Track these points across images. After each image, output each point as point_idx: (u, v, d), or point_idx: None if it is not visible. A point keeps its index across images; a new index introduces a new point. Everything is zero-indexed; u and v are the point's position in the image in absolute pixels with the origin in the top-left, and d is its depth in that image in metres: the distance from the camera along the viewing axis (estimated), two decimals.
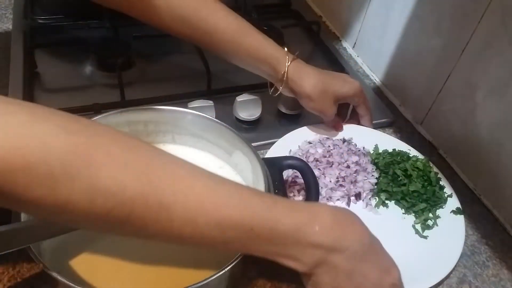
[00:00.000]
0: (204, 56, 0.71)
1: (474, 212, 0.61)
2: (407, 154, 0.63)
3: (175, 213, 0.34)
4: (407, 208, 0.58)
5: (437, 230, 0.56)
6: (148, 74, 0.74)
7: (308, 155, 0.61)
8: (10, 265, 0.47)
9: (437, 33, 0.67)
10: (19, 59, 0.69)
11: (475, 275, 0.54)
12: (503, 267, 0.56)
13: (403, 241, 0.55)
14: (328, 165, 0.60)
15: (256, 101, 0.66)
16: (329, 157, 0.61)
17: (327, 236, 0.39)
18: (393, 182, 0.60)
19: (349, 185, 0.59)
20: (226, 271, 0.40)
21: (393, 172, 0.60)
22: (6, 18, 0.81)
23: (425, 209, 0.58)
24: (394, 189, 0.59)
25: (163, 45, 0.78)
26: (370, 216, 0.57)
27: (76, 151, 0.31)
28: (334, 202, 0.58)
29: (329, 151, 0.62)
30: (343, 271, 0.40)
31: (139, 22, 0.59)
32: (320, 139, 0.65)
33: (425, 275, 0.51)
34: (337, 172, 0.59)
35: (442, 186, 0.61)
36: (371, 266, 0.41)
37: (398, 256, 0.44)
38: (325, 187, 0.58)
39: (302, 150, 0.63)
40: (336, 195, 0.58)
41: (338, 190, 0.58)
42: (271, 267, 0.51)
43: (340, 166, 0.60)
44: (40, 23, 0.78)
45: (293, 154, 0.62)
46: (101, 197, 0.31)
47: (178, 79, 0.73)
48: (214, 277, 0.39)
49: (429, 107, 0.70)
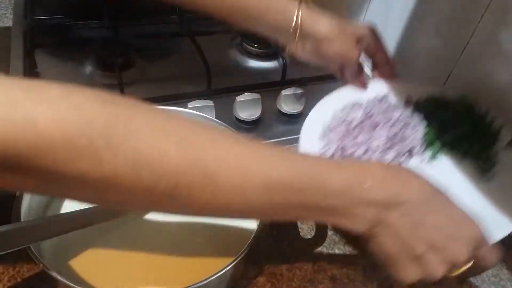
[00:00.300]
0: (204, 56, 0.71)
1: None
2: (445, 98, 0.58)
3: (220, 180, 0.32)
4: (463, 153, 0.54)
5: (499, 168, 0.52)
6: (148, 74, 0.74)
7: (349, 122, 0.57)
8: (10, 265, 0.47)
9: (437, 33, 0.67)
10: (19, 59, 0.69)
11: None
12: (503, 267, 0.56)
13: (468, 190, 0.51)
14: (372, 127, 0.55)
15: (256, 101, 0.66)
16: (371, 118, 0.56)
17: (380, 192, 0.36)
18: (442, 129, 0.55)
19: (399, 143, 0.54)
20: (226, 271, 0.40)
21: (440, 119, 0.55)
22: (6, 18, 0.81)
23: (481, 149, 0.53)
24: (445, 136, 0.54)
25: (163, 45, 0.78)
26: (427, 170, 0.51)
27: (116, 121, 0.29)
28: None
29: (368, 113, 0.57)
30: (405, 227, 0.37)
31: (139, 22, 0.58)
32: (352, 104, 0.59)
33: (499, 222, 0.47)
34: (385, 132, 0.54)
35: (491, 120, 0.56)
36: (439, 218, 0.38)
37: (467, 207, 0.39)
38: (375, 151, 0.53)
39: (339, 119, 0.57)
40: (388, 157, 0.53)
41: (390, 152, 0.53)
42: (271, 267, 0.51)
43: (386, 125, 0.55)
44: (40, 23, 0.78)
45: (330, 127, 0.57)
46: (146, 169, 0.30)
47: (178, 79, 0.73)
48: (214, 277, 0.39)
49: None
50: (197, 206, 0.34)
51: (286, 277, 0.50)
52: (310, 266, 0.52)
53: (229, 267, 0.40)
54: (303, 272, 0.51)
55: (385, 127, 0.55)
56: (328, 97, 0.61)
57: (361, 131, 0.55)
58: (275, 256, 0.52)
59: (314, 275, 0.51)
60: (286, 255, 0.52)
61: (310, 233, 0.55)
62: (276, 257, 0.52)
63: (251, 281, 0.49)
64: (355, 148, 0.54)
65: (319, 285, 0.50)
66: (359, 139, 0.54)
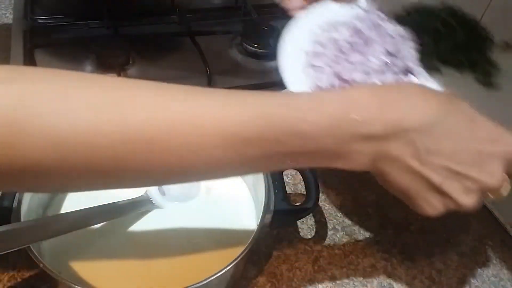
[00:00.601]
0: (204, 56, 0.71)
1: (474, 212, 0.61)
2: (434, 7, 0.54)
3: (166, 144, 0.28)
4: (462, 62, 0.50)
5: (502, 78, 0.48)
6: (148, 74, 0.74)
7: (336, 42, 0.48)
8: (10, 265, 0.47)
9: None
10: (19, 59, 0.69)
11: (475, 275, 0.54)
12: (503, 267, 0.56)
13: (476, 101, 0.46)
14: (366, 43, 0.48)
15: None
16: (361, 35, 0.48)
17: (374, 122, 0.31)
18: (436, 42, 0.51)
19: (396, 60, 0.48)
20: (226, 271, 0.40)
21: (434, 29, 0.51)
22: (6, 18, 0.81)
23: (480, 55, 0.50)
24: (440, 48, 0.50)
25: (163, 45, 0.78)
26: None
27: (18, 103, 0.26)
28: None
29: (355, 28, 0.49)
30: (414, 157, 0.31)
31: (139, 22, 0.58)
32: (333, 23, 0.51)
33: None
34: (381, 47, 0.47)
35: (483, 27, 0.53)
36: (456, 138, 0.32)
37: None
38: (371, 73, 0.46)
39: (323, 42, 0.49)
40: (387, 78, 0.47)
41: (388, 71, 0.47)
42: (271, 267, 0.51)
43: (380, 40, 0.48)
44: (40, 23, 0.78)
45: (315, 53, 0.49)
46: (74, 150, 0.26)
47: (178, 79, 0.72)
48: (214, 277, 0.39)
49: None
50: (154, 174, 0.30)
51: (286, 277, 0.50)
52: (310, 266, 0.52)
53: (229, 267, 0.40)
54: (303, 272, 0.51)
55: (379, 42, 0.48)
56: (299, 19, 0.51)
57: (354, 50, 0.48)
58: (275, 256, 0.52)
59: (314, 275, 0.51)
60: (286, 255, 0.52)
61: (310, 233, 0.55)
62: (276, 257, 0.52)
63: (251, 281, 0.49)
64: (352, 70, 0.47)
65: (319, 285, 0.50)
66: (353, 58, 0.47)
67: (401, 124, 0.31)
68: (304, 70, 0.48)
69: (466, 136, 0.32)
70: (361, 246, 0.55)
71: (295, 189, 0.57)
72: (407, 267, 0.53)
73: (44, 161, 0.26)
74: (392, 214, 0.59)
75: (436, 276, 0.53)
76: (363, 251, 0.54)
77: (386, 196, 0.61)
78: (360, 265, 0.53)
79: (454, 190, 0.33)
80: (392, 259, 0.54)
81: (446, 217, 0.36)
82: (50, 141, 0.26)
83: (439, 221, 0.58)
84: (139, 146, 0.28)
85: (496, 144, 0.33)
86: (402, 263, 0.54)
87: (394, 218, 0.58)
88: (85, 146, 0.27)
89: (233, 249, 0.42)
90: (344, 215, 0.58)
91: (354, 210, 0.59)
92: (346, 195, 0.60)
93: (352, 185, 0.62)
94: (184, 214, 0.50)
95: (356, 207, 0.59)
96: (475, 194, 0.34)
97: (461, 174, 0.32)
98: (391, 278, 0.52)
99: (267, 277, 0.50)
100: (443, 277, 0.53)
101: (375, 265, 0.53)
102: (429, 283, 0.52)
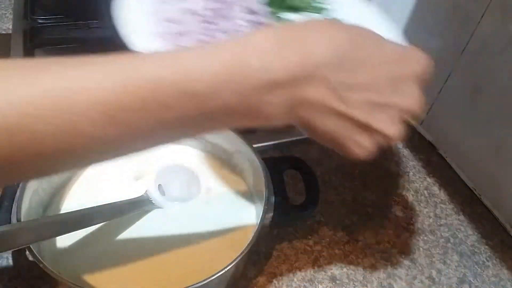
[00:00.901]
0: None
1: (474, 212, 0.61)
2: None
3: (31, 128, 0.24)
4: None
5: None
6: None
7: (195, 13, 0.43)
8: (10, 265, 0.47)
9: (437, 33, 0.67)
10: None
11: (475, 275, 0.54)
12: (503, 267, 0.56)
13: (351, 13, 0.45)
14: (228, 6, 0.44)
15: None
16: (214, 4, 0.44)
17: (278, 67, 0.27)
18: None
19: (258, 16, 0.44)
20: (226, 271, 0.40)
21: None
22: (6, 18, 0.81)
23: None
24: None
25: None
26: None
27: None
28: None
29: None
30: (331, 97, 0.29)
31: None
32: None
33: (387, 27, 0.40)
34: (242, 7, 0.43)
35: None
36: (372, 68, 0.30)
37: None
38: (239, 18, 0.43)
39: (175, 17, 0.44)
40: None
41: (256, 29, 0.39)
42: (271, 267, 0.51)
43: (236, 7, 0.44)
44: (40, 23, 0.78)
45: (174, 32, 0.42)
46: None
47: None
48: (214, 277, 0.39)
49: (429, 107, 0.70)
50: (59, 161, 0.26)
51: (286, 277, 0.50)
52: (310, 266, 0.52)
53: (229, 267, 0.40)
54: (303, 272, 0.51)
55: (237, 2, 0.45)
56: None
57: (219, 16, 0.44)
58: (275, 256, 0.52)
59: (314, 275, 0.51)
60: (286, 255, 0.52)
61: (310, 233, 0.55)
62: (276, 257, 0.52)
63: (251, 281, 0.49)
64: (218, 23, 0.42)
65: (319, 285, 0.50)
66: (223, 25, 0.42)
67: (308, 62, 0.28)
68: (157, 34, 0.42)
69: (378, 62, 0.30)
70: (361, 246, 0.55)
71: (295, 189, 0.57)
72: (407, 267, 0.53)
73: None
74: (392, 214, 0.59)
75: (436, 276, 0.53)
76: (363, 251, 0.54)
77: (386, 196, 0.61)
78: (360, 265, 0.53)
79: (380, 123, 0.31)
80: (392, 259, 0.54)
81: (446, 217, 0.35)
82: None
83: (439, 221, 0.58)
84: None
85: (406, 64, 0.31)
86: (402, 263, 0.54)
87: (394, 218, 0.58)
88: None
89: (233, 249, 0.42)
90: (344, 215, 0.58)
91: (354, 210, 0.59)
92: (346, 195, 0.60)
93: (352, 185, 0.62)
94: (184, 214, 0.50)
95: (356, 207, 0.59)
96: (400, 122, 0.32)
97: (384, 104, 0.31)
98: (391, 278, 0.52)
99: (267, 277, 0.50)
100: (443, 277, 0.53)
101: (375, 265, 0.53)
102: (429, 283, 0.52)
